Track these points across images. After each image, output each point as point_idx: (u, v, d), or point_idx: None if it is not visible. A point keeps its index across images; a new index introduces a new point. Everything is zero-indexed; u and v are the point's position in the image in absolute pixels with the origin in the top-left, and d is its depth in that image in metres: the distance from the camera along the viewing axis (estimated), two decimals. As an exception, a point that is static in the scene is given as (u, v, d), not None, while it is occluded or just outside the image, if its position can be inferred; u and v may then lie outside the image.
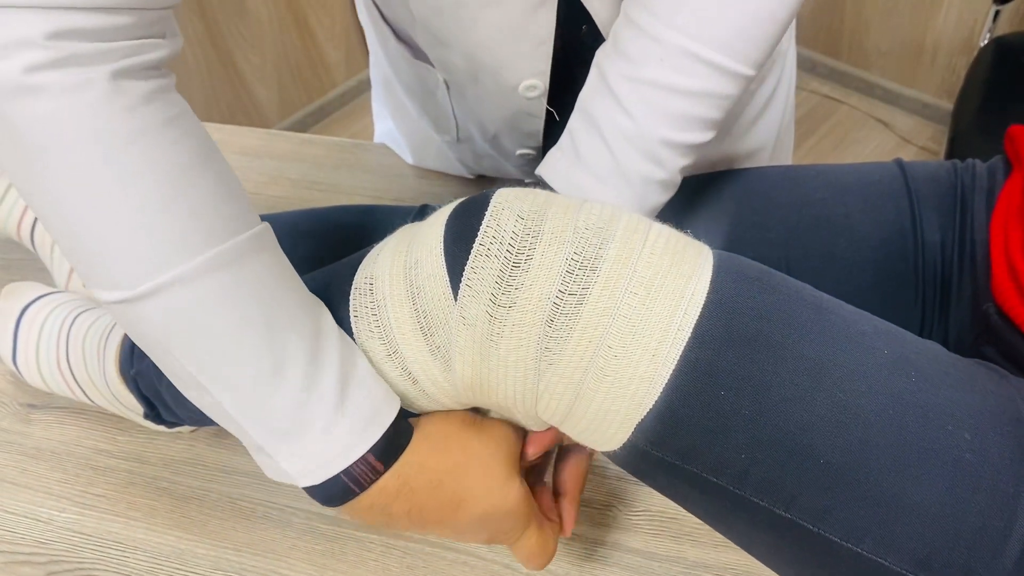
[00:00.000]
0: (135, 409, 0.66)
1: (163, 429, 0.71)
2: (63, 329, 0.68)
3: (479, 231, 0.41)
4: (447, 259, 0.42)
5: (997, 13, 1.55)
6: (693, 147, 0.51)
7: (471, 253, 0.41)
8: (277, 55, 2.10)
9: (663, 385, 0.39)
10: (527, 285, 0.40)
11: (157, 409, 0.65)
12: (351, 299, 0.45)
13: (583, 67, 0.54)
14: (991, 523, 0.37)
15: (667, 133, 0.49)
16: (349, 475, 0.42)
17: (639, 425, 0.40)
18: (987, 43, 1.49)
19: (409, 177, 0.95)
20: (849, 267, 0.57)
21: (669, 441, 0.40)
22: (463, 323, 0.41)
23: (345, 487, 0.42)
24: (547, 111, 0.65)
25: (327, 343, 0.43)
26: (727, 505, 0.41)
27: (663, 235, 0.42)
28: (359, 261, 0.47)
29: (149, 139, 0.37)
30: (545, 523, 0.49)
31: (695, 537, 0.63)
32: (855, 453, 0.38)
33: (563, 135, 0.55)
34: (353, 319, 0.45)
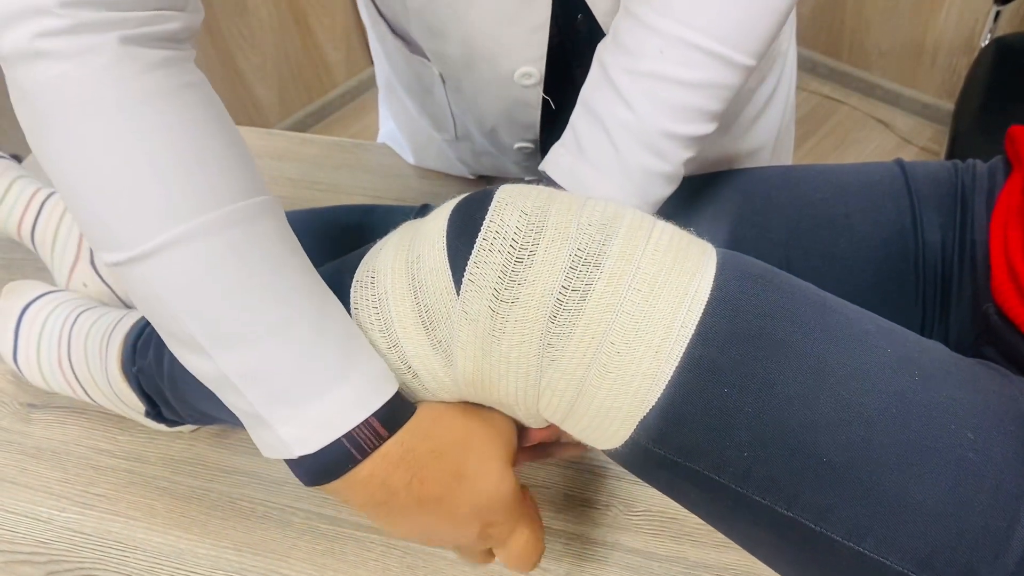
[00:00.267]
0: (136, 407, 0.66)
1: (164, 428, 0.71)
2: (65, 327, 0.69)
3: (482, 226, 0.41)
4: (450, 253, 0.41)
5: (998, 13, 1.55)
6: (695, 139, 0.51)
7: (474, 248, 0.40)
8: (277, 55, 2.10)
9: (666, 382, 0.39)
10: (530, 280, 0.39)
11: (159, 407, 0.65)
12: (352, 292, 0.45)
13: (579, 57, 0.55)
14: (994, 523, 0.37)
15: (669, 125, 0.49)
16: (351, 440, 0.41)
17: (641, 422, 0.40)
18: (988, 43, 1.49)
19: (410, 177, 0.95)
20: (849, 267, 0.57)
21: (671, 439, 0.40)
22: (465, 318, 0.41)
23: (346, 453, 0.41)
24: (544, 102, 0.65)
25: (332, 308, 0.43)
26: (728, 503, 0.41)
27: (667, 232, 0.42)
28: (361, 256, 0.47)
29: (161, 101, 0.38)
30: (536, 522, 0.49)
31: (695, 537, 0.63)
32: (858, 452, 0.38)
33: (566, 130, 0.55)
34: (354, 312, 0.45)
